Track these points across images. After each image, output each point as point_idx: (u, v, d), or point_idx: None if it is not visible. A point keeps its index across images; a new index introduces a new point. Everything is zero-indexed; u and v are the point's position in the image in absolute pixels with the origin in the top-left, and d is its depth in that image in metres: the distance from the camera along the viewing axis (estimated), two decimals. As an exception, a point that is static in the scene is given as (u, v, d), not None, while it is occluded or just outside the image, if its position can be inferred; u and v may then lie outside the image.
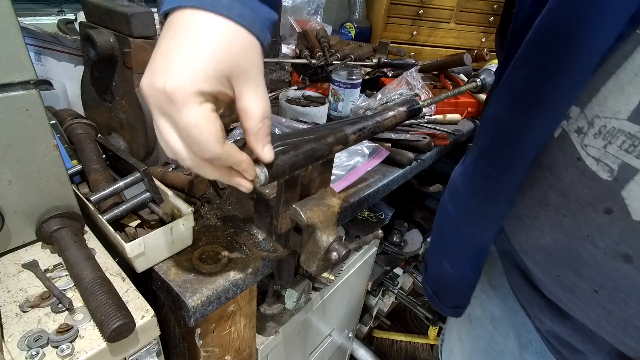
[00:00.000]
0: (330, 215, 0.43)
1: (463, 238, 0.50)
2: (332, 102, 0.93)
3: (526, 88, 0.36)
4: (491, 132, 0.42)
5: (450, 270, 0.53)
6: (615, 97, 0.30)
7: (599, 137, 0.31)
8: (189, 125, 0.29)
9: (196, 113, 0.29)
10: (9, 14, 0.39)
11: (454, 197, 0.51)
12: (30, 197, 0.47)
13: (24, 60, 0.41)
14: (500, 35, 0.53)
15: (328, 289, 0.87)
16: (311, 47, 1.03)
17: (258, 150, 0.34)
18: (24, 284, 0.45)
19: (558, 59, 0.32)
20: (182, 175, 0.61)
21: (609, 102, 0.30)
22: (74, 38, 0.75)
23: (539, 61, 0.34)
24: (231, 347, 0.61)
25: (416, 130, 0.93)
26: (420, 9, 1.63)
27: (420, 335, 1.65)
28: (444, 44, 1.74)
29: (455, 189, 0.50)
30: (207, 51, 0.29)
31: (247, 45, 0.31)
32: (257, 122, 0.32)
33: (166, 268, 0.49)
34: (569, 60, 0.31)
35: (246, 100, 0.32)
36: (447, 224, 0.53)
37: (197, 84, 0.29)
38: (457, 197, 0.50)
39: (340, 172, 0.70)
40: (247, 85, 0.31)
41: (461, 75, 1.17)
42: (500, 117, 0.40)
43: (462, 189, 0.48)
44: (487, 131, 0.43)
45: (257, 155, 0.34)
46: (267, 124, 0.33)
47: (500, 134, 0.40)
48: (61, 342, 0.38)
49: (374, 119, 0.49)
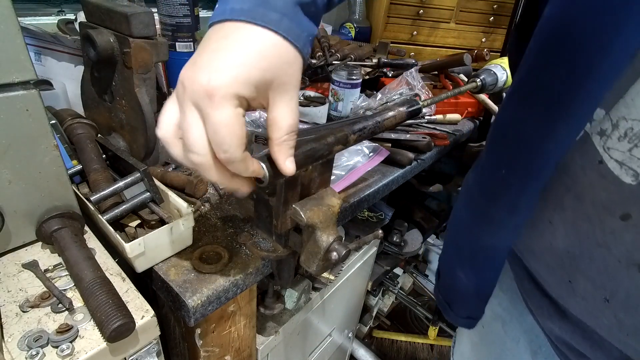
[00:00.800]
0: (330, 215, 0.43)
1: (479, 247, 0.48)
2: (332, 102, 0.93)
3: (549, 92, 0.34)
4: (509, 139, 0.40)
5: (464, 280, 0.51)
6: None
7: (624, 140, 0.30)
8: (221, 124, 0.30)
9: (230, 114, 0.30)
10: (9, 14, 0.39)
11: (469, 206, 0.49)
12: (30, 197, 0.47)
13: (24, 60, 0.41)
14: (517, 32, 0.48)
15: (328, 289, 0.87)
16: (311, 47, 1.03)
17: (280, 161, 0.34)
18: (24, 284, 0.45)
19: (585, 60, 0.30)
20: (182, 175, 0.61)
21: (637, 103, 0.29)
22: (74, 38, 0.75)
23: (563, 63, 0.32)
24: (231, 347, 0.61)
25: (416, 130, 0.93)
26: (420, 9, 1.63)
27: (420, 335, 1.65)
28: (444, 44, 1.74)
29: (470, 197, 0.48)
30: (254, 58, 0.30)
31: (291, 59, 0.32)
32: (284, 133, 0.33)
33: (166, 268, 0.49)
34: (596, 62, 0.29)
35: (278, 110, 0.32)
36: (462, 233, 0.51)
37: (238, 87, 0.30)
38: (473, 206, 0.48)
39: (340, 172, 0.70)
40: (282, 97, 0.32)
41: (461, 75, 1.17)
42: (519, 122, 0.38)
43: (478, 197, 0.46)
44: (504, 137, 0.41)
45: (279, 166, 0.34)
46: (293, 137, 0.34)
47: (520, 140, 0.38)
48: (61, 342, 0.38)
49: (374, 119, 0.49)
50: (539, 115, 0.35)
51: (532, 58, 0.35)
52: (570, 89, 0.32)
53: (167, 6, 0.79)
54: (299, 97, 0.93)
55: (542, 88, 0.35)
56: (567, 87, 0.32)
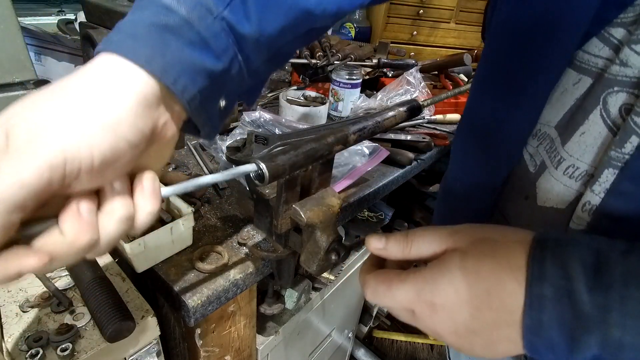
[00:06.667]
0: (330, 215, 0.43)
1: None
2: (332, 102, 0.93)
3: (505, 80, 0.40)
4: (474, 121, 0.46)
5: None
6: (549, 108, 0.37)
7: (535, 138, 0.39)
8: None
9: None
10: (9, 14, 0.39)
11: (445, 200, 0.54)
12: (30, 197, 0.47)
13: (24, 60, 0.41)
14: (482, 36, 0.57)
15: (328, 289, 0.87)
16: (311, 47, 1.03)
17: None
18: (24, 284, 0.45)
19: (531, 56, 0.36)
20: (182, 176, 0.61)
21: (546, 110, 0.37)
22: (74, 38, 0.75)
23: (511, 58, 0.39)
24: (231, 347, 0.61)
25: (416, 130, 0.93)
26: (420, 9, 1.63)
27: (420, 335, 1.65)
28: (444, 44, 1.74)
29: (445, 191, 0.53)
30: None
31: None
32: None
33: (166, 268, 0.49)
34: (538, 60, 0.36)
35: None
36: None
37: None
38: (450, 199, 0.52)
39: (340, 172, 0.70)
40: None
41: (461, 75, 1.17)
42: (481, 107, 0.45)
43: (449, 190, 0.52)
44: (470, 119, 0.48)
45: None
46: None
47: (484, 124, 0.44)
48: (61, 342, 0.38)
49: (374, 119, 0.49)
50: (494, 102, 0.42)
51: (488, 50, 0.43)
52: (525, 76, 0.38)
53: (167, 6, 0.79)
54: (299, 97, 0.93)
55: (499, 75, 0.41)
56: (521, 74, 0.38)
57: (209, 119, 0.30)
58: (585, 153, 0.33)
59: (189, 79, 0.26)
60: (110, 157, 0.23)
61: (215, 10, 0.27)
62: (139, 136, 0.24)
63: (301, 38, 0.35)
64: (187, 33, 0.26)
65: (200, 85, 0.27)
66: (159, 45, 0.25)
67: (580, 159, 0.33)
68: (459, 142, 0.50)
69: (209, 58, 0.27)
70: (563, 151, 0.35)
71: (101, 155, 0.22)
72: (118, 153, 0.23)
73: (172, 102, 0.27)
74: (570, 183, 0.34)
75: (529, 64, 0.37)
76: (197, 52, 0.26)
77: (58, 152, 0.21)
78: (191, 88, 0.26)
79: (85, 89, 0.23)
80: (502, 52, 0.40)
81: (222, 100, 0.31)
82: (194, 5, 0.26)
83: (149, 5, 0.26)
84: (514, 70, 0.38)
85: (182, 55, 0.26)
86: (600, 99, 0.31)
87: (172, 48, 0.25)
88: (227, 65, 0.29)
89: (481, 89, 0.45)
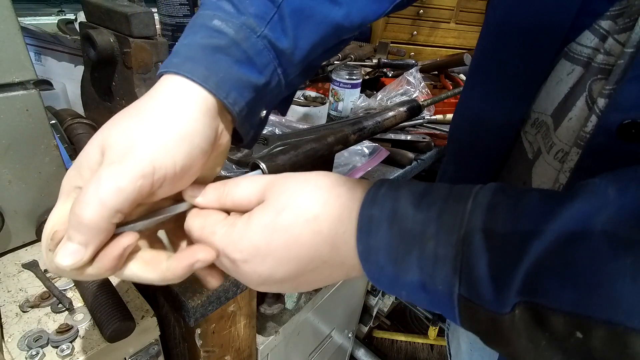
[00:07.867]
0: (330, 215, 0.43)
1: None
2: (332, 102, 0.93)
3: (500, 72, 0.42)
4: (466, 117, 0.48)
5: None
6: (546, 97, 0.38)
7: (533, 127, 0.40)
8: None
9: None
10: (9, 14, 0.39)
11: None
12: (30, 197, 0.47)
13: (24, 60, 0.41)
14: None
15: (328, 289, 0.87)
16: (311, 47, 1.03)
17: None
18: (24, 284, 0.45)
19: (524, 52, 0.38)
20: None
21: (542, 99, 0.38)
22: (74, 38, 0.75)
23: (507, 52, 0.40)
24: (231, 347, 0.61)
25: (416, 130, 0.93)
26: (420, 9, 1.64)
27: (420, 335, 1.65)
28: (444, 44, 1.74)
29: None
30: None
31: None
32: None
33: (166, 268, 0.49)
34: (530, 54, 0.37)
35: None
36: None
37: None
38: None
39: (340, 172, 0.70)
40: None
41: (461, 75, 1.17)
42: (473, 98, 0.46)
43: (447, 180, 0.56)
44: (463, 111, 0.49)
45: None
46: None
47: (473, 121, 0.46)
48: (61, 342, 0.38)
49: (374, 119, 0.49)
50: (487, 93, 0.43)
51: (480, 46, 0.44)
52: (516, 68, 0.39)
53: (167, 6, 0.79)
54: (299, 97, 0.93)
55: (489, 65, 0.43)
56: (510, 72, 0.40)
57: (252, 128, 0.34)
58: (572, 138, 0.34)
59: (238, 93, 0.29)
60: (188, 164, 0.26)
61: (258, 30, 0.30)
62: (208, 143, 0.27)
63: (330, 50, 0.38)
64: (235, 52, 0.29)
65: (247, 98, 0.30)
66: (212, 65, 0.28)
67: (568, 143, 0.35)
68: (452, 136, 0.52)
69: (253, 73, 0.31)
70: (554, 136, 0.36)
71: (181, 162, 0.25)
72: (193, 159, 0.26)
73: (225, 113, 0.30)
74: (559, 166, 0.36)
75: (519, 53, 0.39)
76: (244, 68, 0.30)
77: (147, 162, 0.24)
78: (240, 101, 0.30)
79: (160, 107, 0.27)
80: (494, 44, 0.42)
81: (263, 110, 0.35)
82: (240, 26, 0.30)
83: (201, 29, 0.30)
84: (504, 60, 0.40)
85: (232, 72, 0.29)
86: (587, 86, 0.33)
87: (223, 66, 0.29)
88: (268, 78, 0.32)
89: (472, 80, 0.47)
